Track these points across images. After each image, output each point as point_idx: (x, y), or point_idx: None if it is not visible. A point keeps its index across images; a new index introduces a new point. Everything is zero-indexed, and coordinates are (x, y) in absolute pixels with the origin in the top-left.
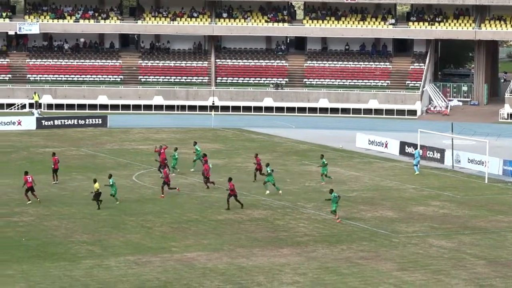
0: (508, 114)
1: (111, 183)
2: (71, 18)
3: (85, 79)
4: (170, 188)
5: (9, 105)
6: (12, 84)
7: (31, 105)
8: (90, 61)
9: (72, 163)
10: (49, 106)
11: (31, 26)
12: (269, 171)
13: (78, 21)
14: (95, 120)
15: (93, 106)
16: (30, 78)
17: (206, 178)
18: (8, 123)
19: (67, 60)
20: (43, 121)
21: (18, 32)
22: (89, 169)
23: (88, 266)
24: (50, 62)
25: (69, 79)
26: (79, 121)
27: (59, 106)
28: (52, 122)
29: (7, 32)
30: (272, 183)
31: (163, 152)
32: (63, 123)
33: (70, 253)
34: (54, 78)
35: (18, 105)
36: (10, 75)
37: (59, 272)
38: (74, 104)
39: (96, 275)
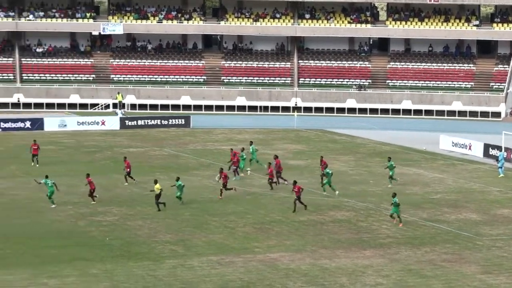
0: None
1: (177, 184)
2: (154, 19)
3: (168, 79)
4: (226, 189)
5: (93, 105)
6: (96, 84)
7: (114, 105)
8: (173, 61)
9: (155, 163)
10: (133, 106)
11: (115, 26)
12: (329, 172)
13: (161, 22)
14: (178, 121)
15: (176, 107)
16: (114, 79)
17: (270, 179)
18: (92, 123)
19: (150, 61)
20: (126, 121)
21: (102, 33)
22: (172, 169)
23: (171, 266)
24: (133, 62)
25: (152, 79)
26: (162, 121)
27: (143, 106)
28: (135, 122)
29: (91, 33)
30: (329, 184)
31: (234, 154)
32: (146, 123)
33: (154, 253)
34: (138, 79)
35: (102, 105)
36: (94, 75)
37: (142, 271)
38: (157, 105)
39: (179, 275)
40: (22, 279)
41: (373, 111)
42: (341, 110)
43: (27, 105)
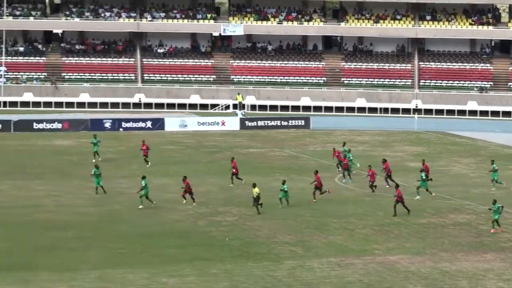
0: None
1: (285, 189)
2: (274, 20)
3: (288, 80)
4: (321, 193)
5: (213, 106)
6: (216, 85)
7: (235, 106)
8: (293, 62)
9: (275, 164)
10: (253, 107)
11: (235, 27)
12: (423, 177)
13: (282, 23)
14: (298, 122)
15: (295, 108)
16: (234, 79)
17: (371, 182)
18: (212, 123)
19: (270, 62)
20: (246, 122)
21: (222, 34)
22: (292, 171)
23: (291, 267)
24: (253, 63)
25: (272, 80)
26: (282, 122)
27: (262, 107)
28: (255, 123)
29: (211, 34)
30: (426, 188)
31: (337, 155)
32: (266, 124)
33: (273, 254)
34: (258, 79)
35: (222, 106)
36: (214, 76)
37: (261, 272)
38: (277, 105)
39: (298, 276)
40: (142, 278)
41: (495, 113)
42: (462, 112)
43: (148, 105)
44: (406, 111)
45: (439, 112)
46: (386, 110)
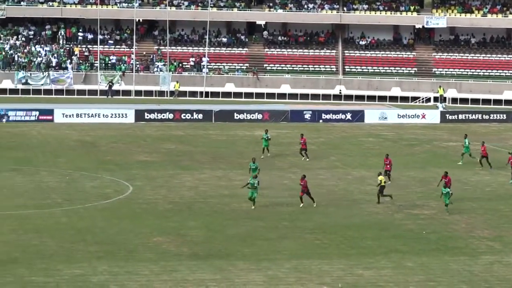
0: None
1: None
2: (478, 12)
3: (491, 74)
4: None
5: (414, 98)
6: (417, 77)
7: (435, 99)
8: (497, 56)
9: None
10: (454, 100)
11: (438, 20)
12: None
13: (486, 16)
14: (500, 116)
15: (497, 101)
16: (436, 72)
17: None
18: (412, 116)
19: (473, 55)
20: (447, 115)
21: (425, 26)
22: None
23: (488, 262)
24: (456, 56)
25: (474, 73)
26: (483, 116)
27: (464, 101)
28: (456, 116)
29: (414, 26)
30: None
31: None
32: (467, 117)
33: (470, 248)
34: (460, 72)
35: (422, 99)
36: (415, 69)
37: (458, 266)
38: (479, 99)
39: (495, 271)
40: (339, 269)
41: None
42: None
43: (348, 97)
44: None
45: None
46: None
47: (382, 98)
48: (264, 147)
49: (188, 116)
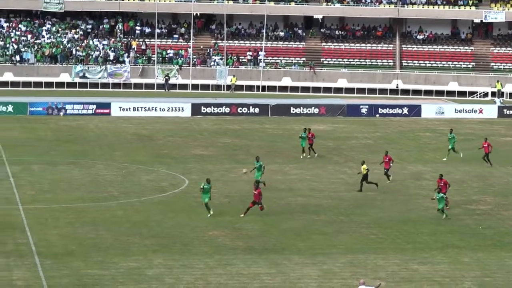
0: None
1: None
2: None
3: None
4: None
5: (472, 93)
6: (475, 72)
7: (493, 94)
8: None
9: None
10: (511, 95)
11: (497, 14)
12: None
13: None
14: None
15: None
16: (494, 67)
17: None
18: (469, 111)
19: None
20: (504, 110)
21: (484, 20)
22: None
23: None
24: None
25: None
26: None
27: None
28: None
29: (472, 20)
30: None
31: None
32: None
33: None
34: None
35: (480, 93)
36: (473, 63)
37: None
38: None
39: None
40: (394, 264)
41: None
42: None
43: (405, 92)
44: None
45: None
46: None
47: (439, 93)
48: (304, 147)
49: (245, 110)
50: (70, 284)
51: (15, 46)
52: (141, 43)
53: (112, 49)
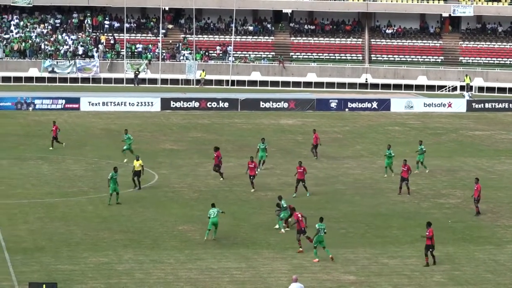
0: None
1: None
2: (506, 1)
3: None
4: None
5: (441, 87)
6: (444, 66)
7: (462, 88)
8: None
9: (501, 147)
10: (480, 89)
11: (465, 8)
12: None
13: None
14: None
15: None
16: (462, 61)
17: None
18: (438, 105)
19: (500, 44)
20: (473, 104)
21: (452, 15)
22: None
23: None
24: (482, 45)
25: (501, 62)
26: (510, 105)
27: (490, 90)
28: (482, 105)
29: (441, 14)
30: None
31: None
32: (493, 106)
33: (496, 237)
34: (486, 61)
35: (449, 87)
36: (442, 57)
37: (484, 255)
38: (505, 88)
39: None
40: (364, 258)
41: None
42: None
43: (374, 86)
44: None
45: None
46: None
47: (408, 87)
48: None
49: (214, 104)
50: (40, 280)
51: None
52: (110, 37)
53: (81, 43)
